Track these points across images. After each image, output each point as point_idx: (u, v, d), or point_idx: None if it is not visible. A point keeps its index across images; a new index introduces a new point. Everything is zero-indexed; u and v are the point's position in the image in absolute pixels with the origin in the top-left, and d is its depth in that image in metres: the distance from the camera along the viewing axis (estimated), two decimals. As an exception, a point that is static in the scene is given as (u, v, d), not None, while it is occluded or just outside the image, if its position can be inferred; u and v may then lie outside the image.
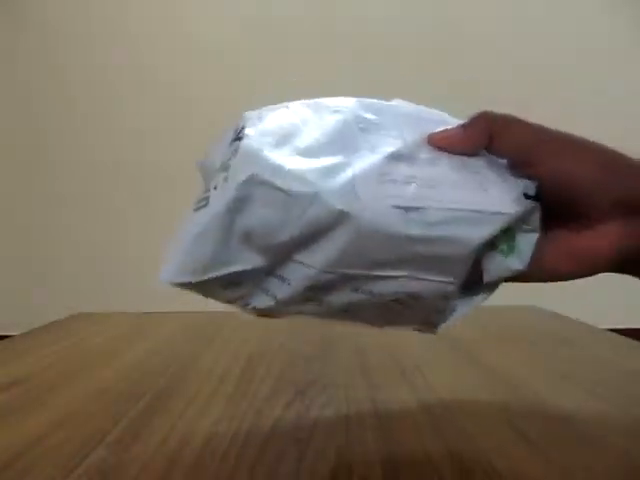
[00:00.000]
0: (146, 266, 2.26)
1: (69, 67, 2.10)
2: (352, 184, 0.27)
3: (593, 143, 0.31)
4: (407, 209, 0.27)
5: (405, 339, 0.58)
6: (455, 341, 0.56)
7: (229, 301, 0.30)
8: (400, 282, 0.28)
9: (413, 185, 0.28)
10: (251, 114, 0.31)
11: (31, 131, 2.11)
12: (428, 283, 0.29)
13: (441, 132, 0.31)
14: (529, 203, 0.30)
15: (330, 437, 0.33)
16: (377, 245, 0.27)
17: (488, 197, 0.29)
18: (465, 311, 0.32)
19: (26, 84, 2.10)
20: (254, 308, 0.30)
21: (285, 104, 0.32)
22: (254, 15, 2.07)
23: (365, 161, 0.28)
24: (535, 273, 0.31)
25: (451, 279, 0.29)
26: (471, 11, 2.08)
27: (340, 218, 0.26)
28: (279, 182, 0.26)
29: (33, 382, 0.44)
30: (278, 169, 0.26)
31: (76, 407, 0.39)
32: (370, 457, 0.30)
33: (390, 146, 0.29)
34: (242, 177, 0.26)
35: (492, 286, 0.32)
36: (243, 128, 0.29)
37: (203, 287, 0.28)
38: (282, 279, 0.28)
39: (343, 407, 0.38)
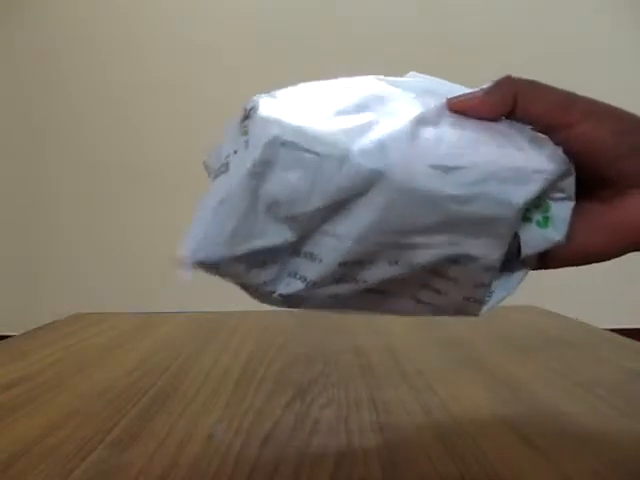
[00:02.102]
0: (146, 266, 2.26)
1: (68, 67, 2.10)
2: (383, 143, 0.25)
3: (619, 109, 0.29)
4: (445, 169, 0.25)
5: (405, 339, 0.58)
6: (455, 341, 0.56)
7: (253, 288, 0.27)
8: (441, 250, 0.26)
9: (445, 144, 0.26)
10: (259, 96, 0.28)
11: (31, 131, 2.11)
12: (470, 249, 0.27)
13: (462, 96, 0.30)
14: (567, 162, 0.28)
15: (330, 437, 0.33)
16: (414, 207, 0.25)
17: (525, 155, 0.27)
18: (506, 292, 0.30)
19: (25, 84, 2.10)
20: (281, 295, 0.27)
21: (293, 87, 0.30)
22: (254, 15, 2.07)
23: (392, 122, 0.26)
24: (564, 252, 0.29)
25: (494, 243, 0.27)
26: (471, 11, 2.08)
27: (373, 179, 0.24)
28: (305, 143, 0.24)
29: (33, 382, 0.44)
30: (302, 130, 0.24)
31: (76, 407, 0.39)
32: (370, 457, 0.30)
33: (413, 109, 0.28)
34: (264, 139, 0.24)
35: (528, 262, 0.30)
36: (254, 106, 0.27)
37: (226, 267, 0.25)
38: (312, 257, 0.26)
39: (343, 407, 0.38)
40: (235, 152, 0.25)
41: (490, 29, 2.08)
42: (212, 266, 0.25)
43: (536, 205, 0.28)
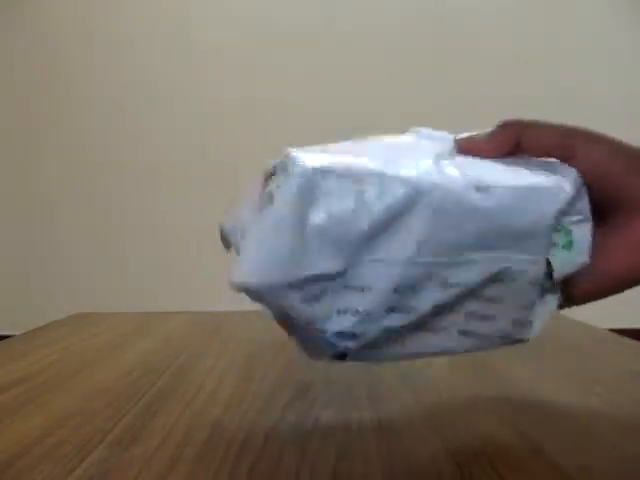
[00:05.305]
0: (146, 266, 2.27)
1: (67, 66, 2.10)
2: (415, 170, 0.26)
3: (612, 138, 0.30)
4: (477, 188, 0.27)
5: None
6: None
7: (306, 323, 0.27)
8: (485, 266, 0.28)
9: (471, 173, 0.28)
10: (274, 160, 0.30)
11: (31, 131, 2.11)
12: (511, 264, 0.28)
13: (468, 138, 0.31)
14: (581, 181, 0.30)
15: (330, 437, 0.33)
16: (456, 223, 0.26)
17: (543, 176, 0.29)
18: (547, 312, 0.31)
19: (24, 83, 2.10)
20: (334, 333, 0.27)
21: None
22: (254, 15, 2.07)
23: (416, 160, 0.28)
24: (590, 286, 0.30)
25: (534, 257, 0.29)
26: (470, 11, 2.08)
27: (416, 197, 0.25)
28: (345, 171, 0.25)
29: (33, 382, 0.44)
30: (338, 162, 0.26)
31: (76, 407, 0.39)
32: (370, 457, 0.30)
33: (431, 152, 0.29)
34: (305, 170, 0.25)
35: (558, 285, 0.31)
36: (276, 166, 0.28)
37: (280, 295, 0.25)
38: (362, 289, 0.26)
39: (343, 407, 0.38)
40: (278, 187, 0.26)
41: (490, 28, 2.08)
42: (265, 292, 0.25)
43: (556, 229, 0.29)
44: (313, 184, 0.25)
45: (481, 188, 0.27)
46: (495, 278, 0.28)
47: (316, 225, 0.25)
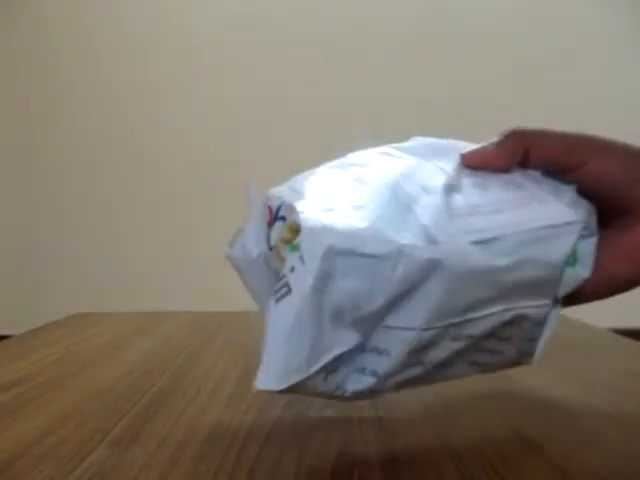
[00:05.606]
0: (146, 266, 2.26)
1: (67, 66, 2.10)
2: (427, 230, 0.26)
3: (624, 142, 0.31)
4: (486, 241, 0.27)
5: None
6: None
7: (328, 393, 0.28)
8: (497, 317, 0.28)
9: (478, 215, 0.27)
10: (280, 191, 0.29)
11: (31, 131, 2.11)
12: (524, 310, 0.28)
13: (474, 150, 0.31)
14: (588, 203, 0.30)
15: (330, 437, 0.33)
16: (471, 286, 0.26)
17: (552, 210, 0.29)
18: (549, 331, 0.31)
19: (24, 83, 2.10)
20: (353, 392, 0.28)
21: (309, 172, 0.31)
22: (255, 15, 2.07)
23: (425, 201, 0.27)
24: (592, 286, 0.30)
25: (545, 301, 0.29)
26: (470, 12, 2.08)
27: (430, 269, 0.25)
28: (358, 248, 0.25)
29: (33, 382, 0.44)
30: (352, 234, 0.25)
31: (76, 407, 0.39)
32: (370, 457, 0.30)
33: (436, 179, 0.29)
34: (319, 252, 0.24)
35: (560, 300, 0.31)
36: (281, 206, 0.28)
37: (306, 384, 0.26)
38: (378, 351, 0.27)
39: (343, 407, 0.38)
40: (292, 270, 0.26)
41: (490, 28, 2.08)
42: (289, 389, 0.26)
43: None
44: (329, 267, 0.25)
45: (488, 240, 0.27)
46: (507, 323, 0.29)
47: (333, 309, 0.25)
